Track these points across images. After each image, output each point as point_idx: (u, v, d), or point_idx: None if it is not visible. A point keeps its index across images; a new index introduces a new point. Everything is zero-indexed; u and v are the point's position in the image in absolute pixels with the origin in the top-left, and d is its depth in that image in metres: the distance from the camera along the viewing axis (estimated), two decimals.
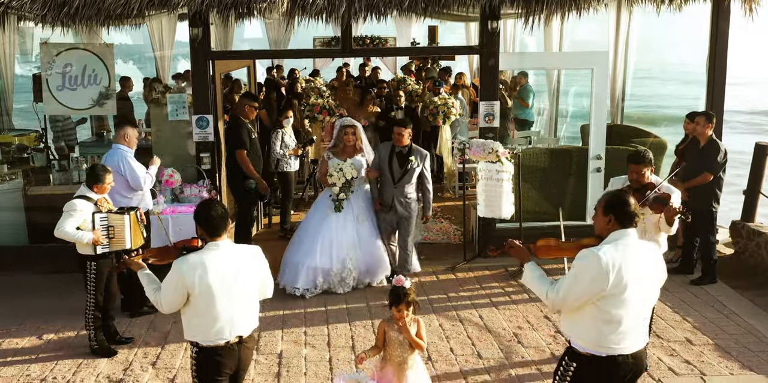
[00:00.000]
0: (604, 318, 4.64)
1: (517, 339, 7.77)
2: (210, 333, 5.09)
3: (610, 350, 4.70)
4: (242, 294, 5.15)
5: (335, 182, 9.06)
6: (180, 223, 8.98)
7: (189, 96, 10.02)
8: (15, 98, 12.93)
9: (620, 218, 4.71)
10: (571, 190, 10.60)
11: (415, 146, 9.16)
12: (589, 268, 4.57)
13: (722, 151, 9.04)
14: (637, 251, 4.70)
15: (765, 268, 9.65)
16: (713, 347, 7.52)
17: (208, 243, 5.16)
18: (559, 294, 4.69)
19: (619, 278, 4.56)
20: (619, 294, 4.60)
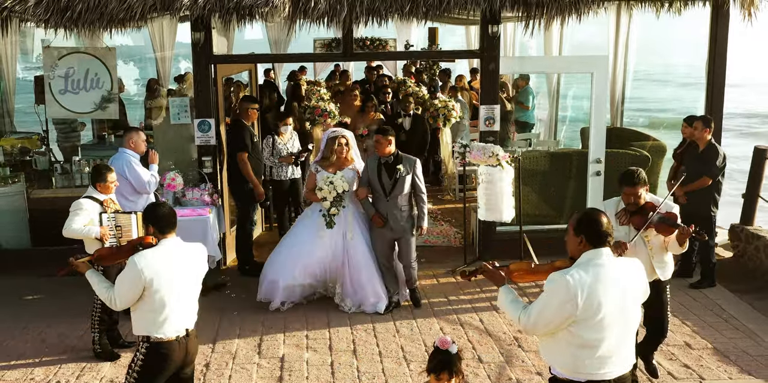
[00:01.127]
0: (578, 343, 4.48)
1: (517, 343, 7.82)
2: (163, 327, 5.28)
3: (589, 375, 4.54)
4: (190, 288, 5.44)
5: (325, 196, 8.54)
6: (181, 226, 9.02)
7: (189, 99, 10.08)
8: (16, 100, 12.98)
9: (591, 238, 4.56)
10: (571, 193, 10.66)
11: (402, 153, 8.63)
12: (558, 292, 4.43)
13: (721, 155, 9.09)
14: (612, 271, 4.52)
15: (764, 271, 9.71)
16: (712, 351, 7.57)
17: (161, 240, 5.39)
18: (530, 319, 4.54)
19: (591, 301, 4.40)
20: (593, 318, 4.43)
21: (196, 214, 9.20)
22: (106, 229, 7.33)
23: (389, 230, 8.56)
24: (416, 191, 8.58)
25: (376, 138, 8.49)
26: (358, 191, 8.63)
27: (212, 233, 9.18)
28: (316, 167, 8.78)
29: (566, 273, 4.44)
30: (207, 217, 9.15)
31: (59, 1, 8.89)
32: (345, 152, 8.73)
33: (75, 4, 8.86)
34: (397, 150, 8.57)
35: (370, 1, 9.07)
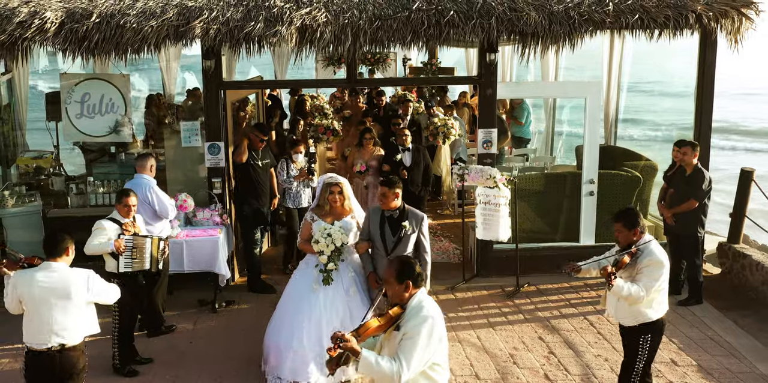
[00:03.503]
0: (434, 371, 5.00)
1: (512, 360, 8.26)
2: (36, 337, 6.08)
3: None
4: (68, 308, 6.09)
5: (322, 249, 7.67)
6: (193, 246, 9.51)
7: (201, 123, 10.51)
8: (28, 117, 13.40)
9: (415, 281, 5.04)
10: (566, 212, 11.10)
11: (408, 207, 7.76)
12: (433, 330, 4.91)
13: (707, 179, 9.54)
14: (435, 304, 5.11)
15: (749, 288, 10.15)
16: (696, 368, 8.01)
17: (46, 262, 6.15)
18: (411, 366, 4.83)
19: (441, 329, 5.00)
20: (442, 346, 5.03)
21: (207, 234, 9.65)
22: (121, 242, 7.78)
23: None
24: (419, 251, 7.75)
25: (382, 191, 7.66)
26: (358, 247, 7.84)
27: (222, 253, 9.62)
28: (312, 216, 7.98)
29: (426, 312, 4.95)
30: (217, 237, 9.58)
31: (77, 31, 9.33)
32: (339, 201, 7.90)
33: (92, 34, 9.31)
34: (403, 203, 7.73)
35: (372, 32, 9.50)
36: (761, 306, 9.71)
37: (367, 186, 11.51)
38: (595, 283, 10.46)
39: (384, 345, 5.08)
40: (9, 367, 8.19)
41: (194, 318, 9.50)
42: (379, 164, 11.38)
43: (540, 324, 9.18)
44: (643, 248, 6.44)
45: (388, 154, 11.38)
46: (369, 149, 11.70)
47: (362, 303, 7.82)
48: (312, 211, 8.07)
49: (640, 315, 6.48)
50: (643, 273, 6.38)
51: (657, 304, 6.50)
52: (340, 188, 7.92)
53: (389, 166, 11.17)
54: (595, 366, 8.06)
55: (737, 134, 28.44)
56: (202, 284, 9.97)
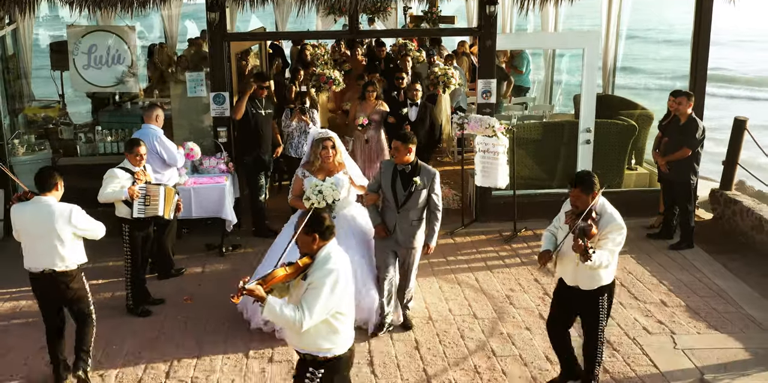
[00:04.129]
0: (336, 320, 5.18)
1: (509, 301, 8.63)
2: (31, 263, 6.81)
3: (345, 346, 5.30)
4: (54, 238, 6.69)
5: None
6: (200, 193, 9.81)
7: (205, 73, 10.71)
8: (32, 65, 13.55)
9: (322, 234, 5.18)
10: (563, 160, 11.37)
11: (421, 163, 7.69)
12: (337, 282, 5.07)
13: (700, 128, 9.79)
14: (343, 257, 5.27)
15: (739, 233, 10.49)
16: (684, 308, 8.38)
17: (38, 197, 6.79)
18: (314, 315, 5.01)
19: (345, 281, 5.13)
20: (346, 297, 5.19)
21: (213, 182, 9.94)
22: (135, 188, 8.08)
23: (394, 243, 7.71)
24: (431, 207, 7.71)
25: (395, 145, 7.58)
26: (367, 198, 7.83)
27: (229, 199, 9.93)
28: (303, 172, 8.01)
29: (333, 265, 5.10)
30: (224, 184, 9.89)
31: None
32: (331, 156, 7.94)
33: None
34: (416, 159, 7.66)
35: None
36: (750, 250, 10.06)
37: (368, 140, 11.43)
38: None
39: (292, 293, 5.28)
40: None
41: (202, 262, 9.86)
42: (381, 118, 11.36)
43: (535, 267, 9.53)
44: (602, 212, 6.27)
45: (393, 108, 11.37)
46: (371, 103, 11.42)
47: (355, 257, 7.71)
48: (303, 167, 8.07)
49: (600, 278, 6.36)
50: (608, 239, 6.18)
51: (613, 266, 6.42)
52: (332, 142, 7.94)
53: (394, 119, 11.19)
54: None
55: (735, 82, 28.56)
56: (209, 230, 10.32)
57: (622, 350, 7.48)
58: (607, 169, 11.28)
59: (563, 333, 6.75)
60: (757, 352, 7.37)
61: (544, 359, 7.34)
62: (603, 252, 6.11)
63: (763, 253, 9.86)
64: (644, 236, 10.52)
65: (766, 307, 8.40)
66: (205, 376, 7.12)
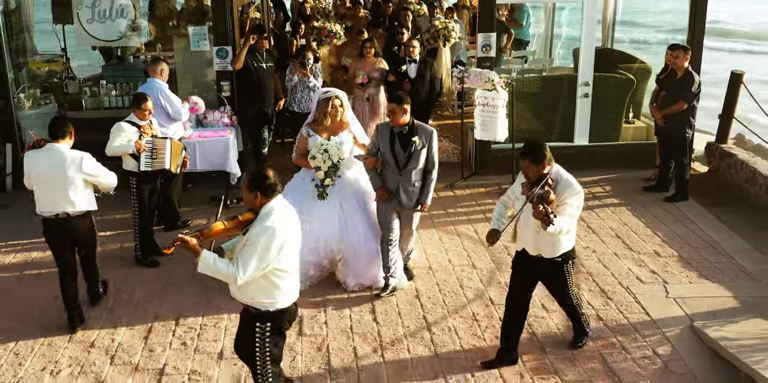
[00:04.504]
0: (276, 277, 5.29)
1: (506, 251, 8.87)
2: (44, 207, 7.13)
3: (289, 301, 5.45)
4: (66, 184, 7.01)
5: (319, 165, 7.78)
6: (205, 146, 9.99)
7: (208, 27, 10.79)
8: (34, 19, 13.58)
9: (264, 191, 5.21)
10: (561, 114, 11.53)
11: (418, 123, 7.65)
12: (272, 240, 5.11)
13: (696, 82, 9.92)
14: (288, 214, 5.32)
15: (733, 186, 10.70)
16: (677, 258, 8.62)
17: (50, 144, 7.11)
18: (248, 271, 5.10)
19: (283, 239, 5.18)
20: (285, 254, 5.26)
21: (217, 135, 10.11)
22: (142, 142, 8.27)
23: (397, 204, 7.74)
24: (429, 165, 7.70)
25: (390, 108, 7.54)
26: (367, 161, 7.74)
27: (233, 152, 10.11)
28: (308, 131, 8.02)
29: (271, 223, 5.14)
30: (227, 138, 10.06)
31: None
32: (340, 114, 7.95)
33: None
34: (412, 119, 7.61)
35: None
36: (743, 202, 10.27)
37: (369, 98, 11.43)
38: (589, 181, 10.98)
39: (236, 247, 5.37)
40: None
41: (207, 214, 10.07)
42: (381, 76, 11.34)
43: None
44: (557, 178, 6.18)
45: (393, 65, 11.35)
46: (370, 60, 11.38)
47: (358, 219, 7.97)
48: (308, 126, 8.07)
49: (562, 245, 6.33)
50: (566, 204, 6.13)
51: (573, 232, 6.40)
52: (340, 100, 7.94)
53: (394, 77, 11.20)
54: (584, 257, 8.66)
55: (733, 35, 28.54)
56: (213, 182, 10.52)
57: (615, 298, 7.74)
58: (605, 122, 11.46)
59: (524, 305, 6.66)
60: (745, 300, 7.63)
61: (540, 307, 7.60)
62: (563, 217, 6.03)
63: (757, 206, 10.08)
64: (640, 188, 10.73)
65: (756, 258, 8.64)
66: (213, 323, 7.38)
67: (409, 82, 11.13)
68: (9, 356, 6.87)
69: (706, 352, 6.79)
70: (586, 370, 6.55)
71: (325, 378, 6.51)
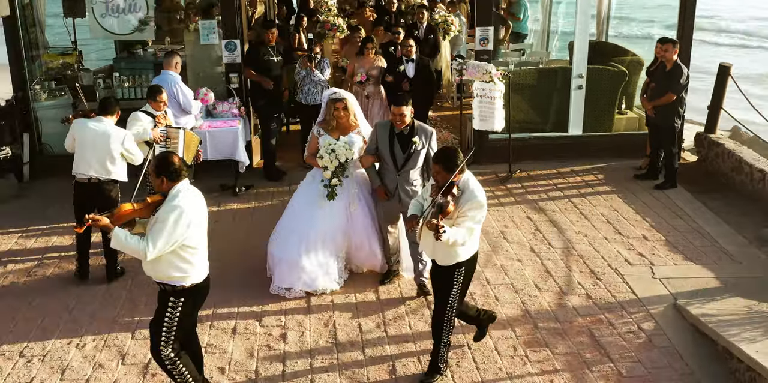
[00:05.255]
0: (186, 253, 5.71)
1: (503, 236, 9.34)
2: (79, 169, 8.12)
3: (200, 276, 5.89)
4: (104, 151, 8.02)
5: (326, 165, 7.85)
6: (215, 136, 10.45)
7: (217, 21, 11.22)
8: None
9: (169, 176, 5.65)
10: (556, 105, 11.98)
11: (418, 123, 7.67)
12: (180, 218, 5.54)
13: (685, 74, 10.37)
14: (193, 195, 5.77)
15: (721, 175, 11.16)
16: (664, 242, 9.09)
17: (97, 116, 8.12)
18: (157, 246, 5.52)
19: (190, 218, 5.61)
20: (193, 232, 5.69)
21: (227, 125, 10.58)
22: (157, 132, 8.75)
23: (397, 203, 7.80)
24: (427, 166, 7.64)
25: (397, 111, 7.48)
26: (363, 160, 7.90)
27: (241, 142, 10.57)
28: (318, 130, 8.13)
29: (178, 202, 5.57)
30: (237, 128, 10.53)
31: None
32: (344, 117, 8.02)
33: None
34: (412, 119, 7.63)
35: None
36: (729, 190, 10.73)
37: (368, 96, 11.45)
38: (582, 169, 11.48)
39: (147, 227, 5.75)
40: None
41: (218, 201, 10.54)
42: (380, 74, 11.41)
43: (528, 206, 10.24)
44: (464, 188, 6.13)
45: (390, 65, 11.42)
46: (369, 58, 11.39)
47: (363, 218, 8.09)
48: (318, 125, 8.18)
49: (457, 255, 6.28)
50: (466, 216, 6.08)
51: (473, 242, 6.33)
52: (344, 103, 7.98)
53: (392, 77, 11.32)
54: (576, 241, 9.14)
55: (728, 31, 29.09)
56: (223, 170, 10.97)
57: (604, 279, 8.21)
58: (598, 113, 11.92)
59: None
60: (727, 281, 8.10)
61: (533, 287, 8.08)
62: (459, 230, 6.02)
63: (742, 193, 10.53)
64: (632, 176, 11.19)
65: (740, 242, 9.09)
66: (226, 302, 7.86)
67: (408, 81, 11.31)
68: (36, 331, 7.36)
69: (687, 328, 7.27)
70: (575, 343, 7.03)
71: (332, 351, 6.99)
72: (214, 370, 6.72)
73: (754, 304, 7.44)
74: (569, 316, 7.50)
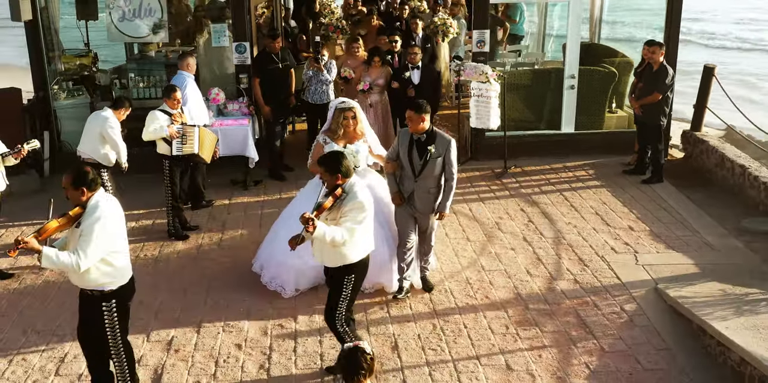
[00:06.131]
0: (112, 258, 5.93)
1: (498, 227, 9.96)
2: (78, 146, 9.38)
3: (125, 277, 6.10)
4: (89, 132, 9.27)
5: None
6: (226, 133, 11.05)
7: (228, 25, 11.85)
8: None
9: (88, 186, 5.81)
10: (549, 104, 12.60)
11: (437, 130, 7.82)
12: (105, 226, 5.76)
13: (670, 75, 10.99)
14: (111, 203, 5.95)
15: (705, 170, 11.77)
16: (649, 233, 9.71)
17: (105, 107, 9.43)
18: (88, 257, 5.70)
19: (113, 225, 5.87)
20: (117, 237, 5.95)
21: (237, 123, 11.20)
22: (173, 129, 9.36)
23: (413, 209, 7.96)
24: (446, 175, 7.87)
25: (408, 115, 7.67)
26: (386, 166, 8.07)
27: (251, 139, 11.19)
28: (324, 138, 8.20)
29: (97, 214, 5.76)
30: (247, 126, 11.16)
31: None
32: (352, 125, 8.11)
33: None
34: (431, 127, 7.78)
35: None
36: (713, 185, 11.34)
37: (372, 105, 11.59)
38: (574, 165, 12.09)
39: (70, 240, 5.92)
40: None
41: (229, 194, 11.17)
42: (387, 82, 11.64)
43: (522, 199, 10.86)
44: (349, 190, 6.45)
45: (396, 71, 11.67)
46: (376, 68, 11.62)
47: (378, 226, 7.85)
48: (324, 133, 8.25)
49: (343, 257, 6.52)
50: (347, 217, 6.38)
51: (360, 246, 6.56)
52: (354, 112, 8.09)
53: (397, 84, 11.51)
54: (566, 231, 9.76)
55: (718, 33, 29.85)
56: (234, 166, 11.55)
57: (591, 266, 8.83)
58: (590, 112, 12.53)
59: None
60: (705, 267, 8.71)
61: (525, 272, 8.70)
62: (337, 228, 6.32)
63: (724, 187, 11.13)
64: (620, 172, 11.81)
65: (720, 233, 9.69)
66: (239, 286, 8.48)
67: (413, 88, 11.47)
68: (66, 314, 7.97)
69: (666, 309, 7.89)
70: (562, 323, 7.66)
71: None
72: (231, 347, 7.34)
73: (729, 288, 8.05)
74: (558, 299, 8.13)
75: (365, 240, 6.63)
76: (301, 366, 7.04)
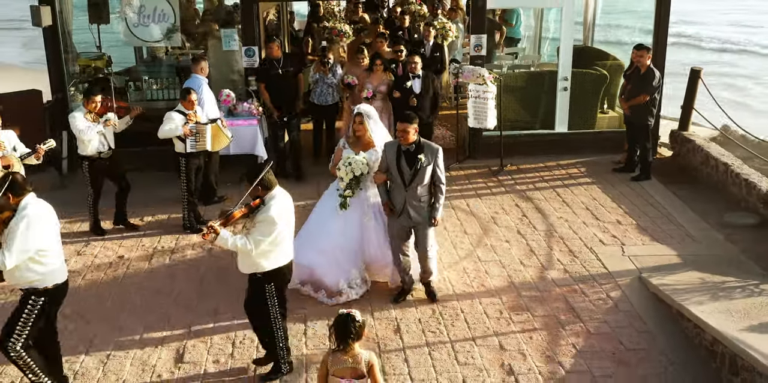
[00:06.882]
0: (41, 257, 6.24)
1: (493, 221, 10.57)
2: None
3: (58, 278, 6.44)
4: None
5: (342, 176, 8.33)
6: (237, 133, 11.62)
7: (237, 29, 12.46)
8: None
9: (15, 192, 6.15)
10: (543, 105, 13.20)
11: (424, 141, 8.04)
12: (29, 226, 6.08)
13: (657, 77, 11.59)
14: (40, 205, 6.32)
15: (691, 168, 12.37)
16: (635, 226, 10.31)
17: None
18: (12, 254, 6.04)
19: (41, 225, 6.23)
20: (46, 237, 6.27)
21: (247, 123, 11.81)
22: (187, 127, 9.98)
23: (406, 219, 8.12)
24: (435, 182, 8.07)
25: (401, 127, 7.89)
26: (375, 177, 8.28)
27: (260, 138, 11.79)
28: (344, 143, 8.61)
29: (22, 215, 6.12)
30: (256, 125, 11.77)
31: None
32: (360, 131, 8.41)
33: None
34: (418, 137, 8.00)
35: None
36: (698, 182, 11.95)
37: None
38: (566, 163, 12.69)
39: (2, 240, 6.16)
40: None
41: (239, 190, 11.72)
42: (389, 90, 11.82)
43: (517, 195, 11.46)
44: (266, 202, 6.67)
45: (398, 81, 11.80)
46: (378, 74, 11.84)
47: (376, 233, 8.52)
48: (345, 138, 8.73)
49: (255, 264, 6.80)
50: (256, 228, 6.63)
51: (273, 256, 6.80)
52: (360, 118, 8.38)
53: (399, 92, 11.64)
54: (558, 225, 10.36)
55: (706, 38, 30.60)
56: (244, 164, 12.07)
57: (580, 257, 9.44)
58: (582, 113, 13.13)
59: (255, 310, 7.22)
60: (686, 258, 9.31)
61: (518, 263, 9.30)
62: (242, 238, 6.61)
63: (709, 184, 11.73)
64: (611, 169, 12.40)
65: (703, 227, 10.28)
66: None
67: (414, 97, 11.64)
68: (92, 300, 8.58)
69: (649, 296, 8.49)
70: (552, 308, 8.27)
71: None
72: (246, 329, 7.93)
73: (707, 276, 8.66)
74: (548, 286, 8.74)
75: (281, 250, 6.83)
76: (311, 346, 7.66)
